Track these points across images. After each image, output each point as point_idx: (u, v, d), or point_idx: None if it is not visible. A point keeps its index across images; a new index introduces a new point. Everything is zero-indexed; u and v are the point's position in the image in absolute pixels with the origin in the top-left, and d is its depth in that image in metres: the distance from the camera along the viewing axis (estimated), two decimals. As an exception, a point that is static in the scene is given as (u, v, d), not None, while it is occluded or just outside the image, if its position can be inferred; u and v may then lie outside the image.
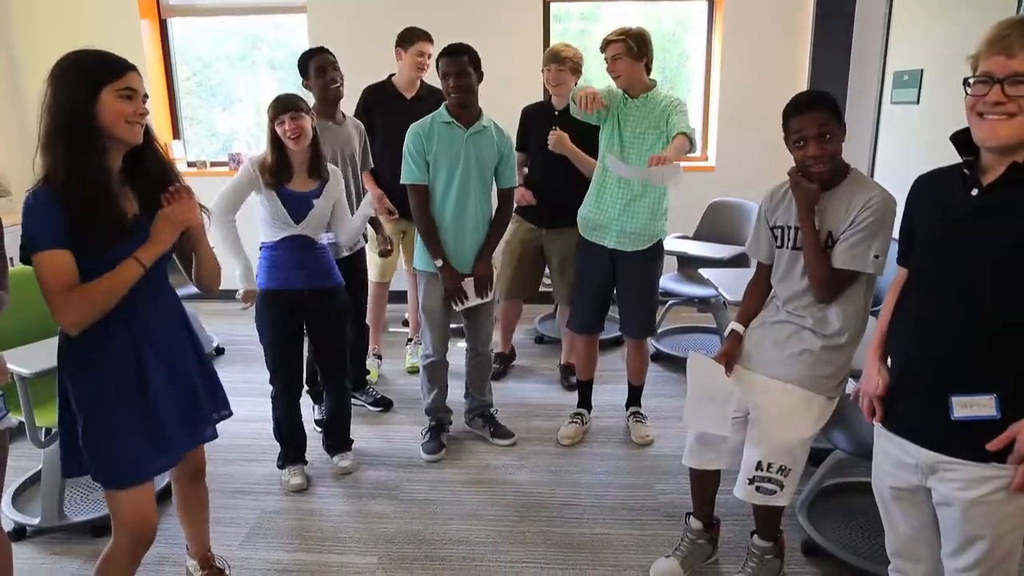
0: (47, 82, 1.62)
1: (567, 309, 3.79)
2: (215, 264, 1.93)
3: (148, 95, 1.71)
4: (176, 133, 5.48)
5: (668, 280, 4.07)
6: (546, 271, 3.76)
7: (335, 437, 3.07)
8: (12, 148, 5.05)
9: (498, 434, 3.25)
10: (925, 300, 1.56)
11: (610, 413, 3.47)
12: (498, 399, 3.43)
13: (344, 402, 3.05)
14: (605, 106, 2.87)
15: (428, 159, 2.90)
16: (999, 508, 1.46)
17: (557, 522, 2.67)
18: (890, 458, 1.64)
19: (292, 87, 2.79)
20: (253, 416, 3.43)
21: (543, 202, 3.47)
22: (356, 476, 3.01)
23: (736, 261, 3.81)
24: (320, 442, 3.12)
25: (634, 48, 2.86)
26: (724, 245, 4.05)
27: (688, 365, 2.19)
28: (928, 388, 1.53)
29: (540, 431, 3.36)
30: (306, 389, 3.28)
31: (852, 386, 1.85)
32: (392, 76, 3.73)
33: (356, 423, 3.17)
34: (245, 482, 2.96)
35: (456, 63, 2.82)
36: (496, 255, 3.13)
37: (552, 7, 4.99)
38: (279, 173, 2.65)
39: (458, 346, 3.23)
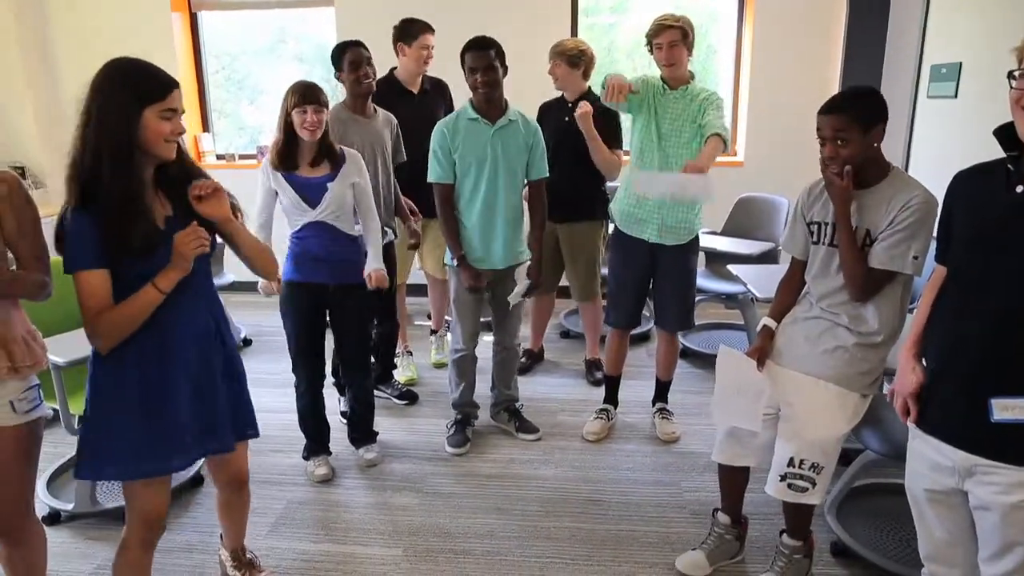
0: (91, 88, 1.62)
1: (584, 304, 3.79)
2: (260, 250, 1.93)
3: (184, 111, 1.71)
4: (205, 126, 5.54)
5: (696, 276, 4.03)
6: None
7: (359, 430, 3.08)
8: (48, 141, 5.13)
9: (523, 429, 3.24)
10: (963, 299, 1.53)
11: (636, 409, 3.44)
12: (524, 393, 3.42)
13: (366, 396, 3.05)
14: (635, 92, 2.84)
15: (454, 157, 2.89)
16: None
17: (582, 518, 2.66)
18: (925, 460, 1.61)
19: (319, 80, 2.77)
20: (279, 407, 3.46)
21: (557, 197, 3.45)
22: (381, 468, 3.02)
23: (765, 257, 3.76)
24: (346, 434, 3.13)
25: (689, 35, 2.85)
26: (753, 241, 4.00)
27: (718, 360, 2.17)
28: (966, 389, 1.49)
29: (565, 426, 3.35)
30: (332, 381, 3.31)
31: (887, 386, 1.81)
32: (394, 70, 3.63)
33: (381, 415, 3.18)
34: (271, 472, 2.99)
35: (483, 58, 2.78)
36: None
37: (580, 0, 4.95)
38: (287, 159, 2.63)
39: (485, 340, 3.23)
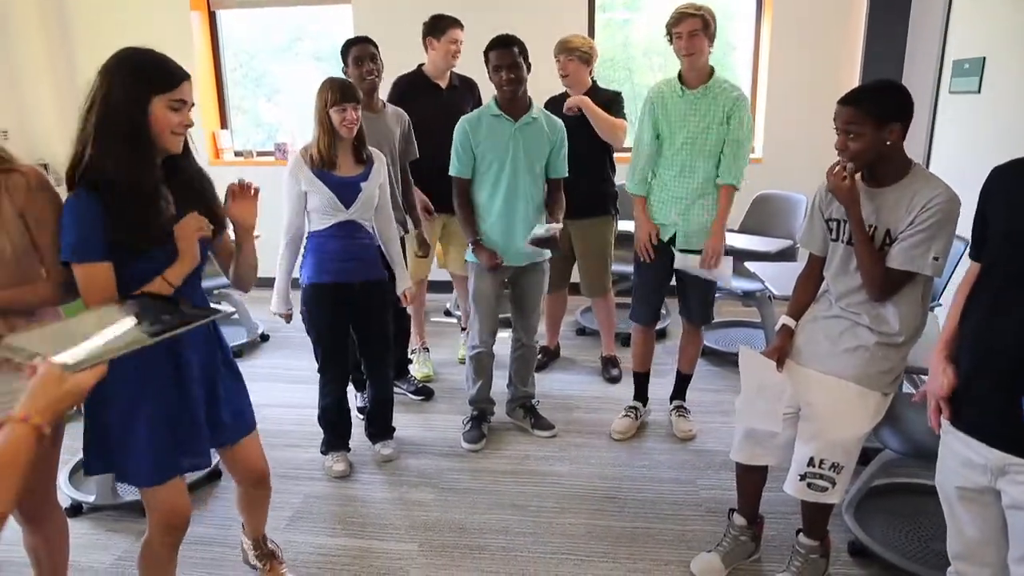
0: (100, 75, 1.60)
1: (596, 300, 3.78)
2: (254, 263, 1.91)
3: (194, 104, 1.69)
4: (224, 123, 5.59)
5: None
6: None
7: (377, 425, 3.09)
8: (70, 135, 5.18)
9: (539, 425, 3.24)
10: (1001, 294, 1.50)
11: (652, 406, 3.43)
12: (539, 390, 3.42)
13: (387, 391, 3.07)
14: (658, 239, 2.97)
15: (475, 152, 2.89)
16: None
17: (598, 515, 2.66)
18: (957, 456, 1.59)
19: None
20: (296, 402, 3.49)
21: (565, 193, 3.44)
22: (397, 464, 3.04)
23: (783, 255, 3.73)
24: (362, 429, 3.15)
25: (711, 25, 2.77)
26: (770, 238, 3.97)
27: (740, 360, 2.15)
28: (1002, 386, 1.46)
29: (581, 423, 3.35)
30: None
31: (909, 387, 1.79)
32: (422, 66, 3.66)
33: (397, 411, 3.20)
34: (288, 467, 3.01)
35: (508, 55, 2.79)
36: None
37: (596, -3, 4.94)
38: (327, 157, 2.64)
39: (501, 336, 3.23)
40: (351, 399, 3.08)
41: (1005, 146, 1.54)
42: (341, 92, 2.58)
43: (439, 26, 3.53)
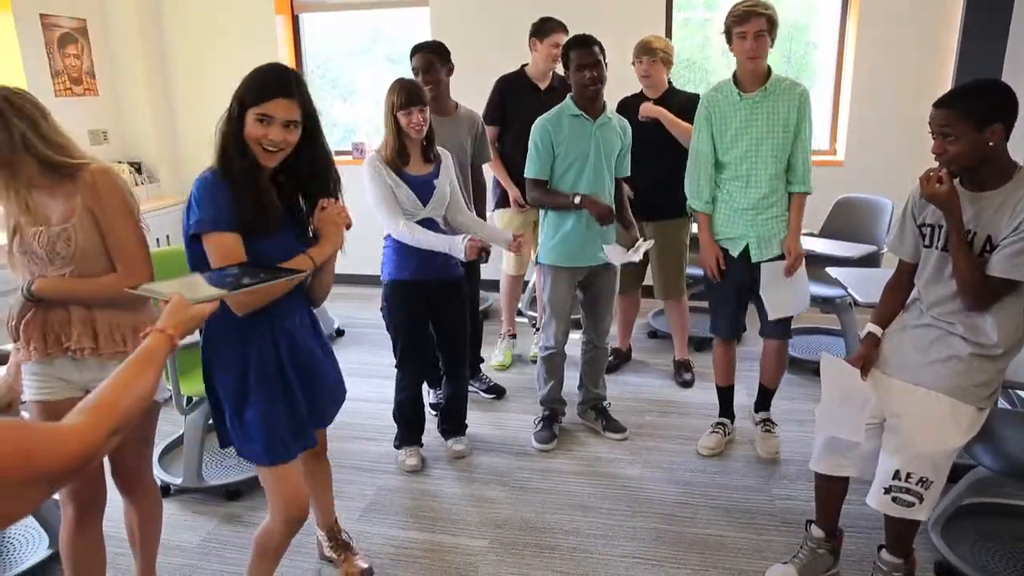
0: None
1: (669, 303, 3.74)
2: (328, 283, 1.97)
3: (298, 122, 1.71)
4: (304, 124, 5.75)
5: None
6: None
7: (451, 422, 3.14)
8: (161, 138, 5.46)
9: (610, 427, 3.23)
10: None
11: (725, 413, 3.37)
12: (611, 392, 3.40)
13: (463, 389, 3.11)
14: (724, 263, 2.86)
15: (556, 152, 2.90)
16: None
17: (669, 520, 2.63)
18: None
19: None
20: (370, 397, 3.58)
21: (643, 195, 3.42)
22: (469, 461, 3.07)
23: (866, 261, 3.60)
24: (435, 425, 3.20)
25: (777, 25, 2.60)
26: (853, 243, 3.84)
27: (822, 367, 2.09)
28: None
29: (653, 426, 3.32)
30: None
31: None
32: (525, 66, 3.74)
33: (469, 409, 3.23)
34: (362, 459, 3.08)
35: (591, 54, 2.79)
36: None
37: (674, -4, 4.87)
38: (400, 158, 2.68)
39: (573, 337, 3.23)
40: (425, 396, 3.13)
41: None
42: (407, 96, 2.61)
43: (544, 28, 3.61)
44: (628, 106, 3.50)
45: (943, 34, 4.42)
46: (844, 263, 3.53)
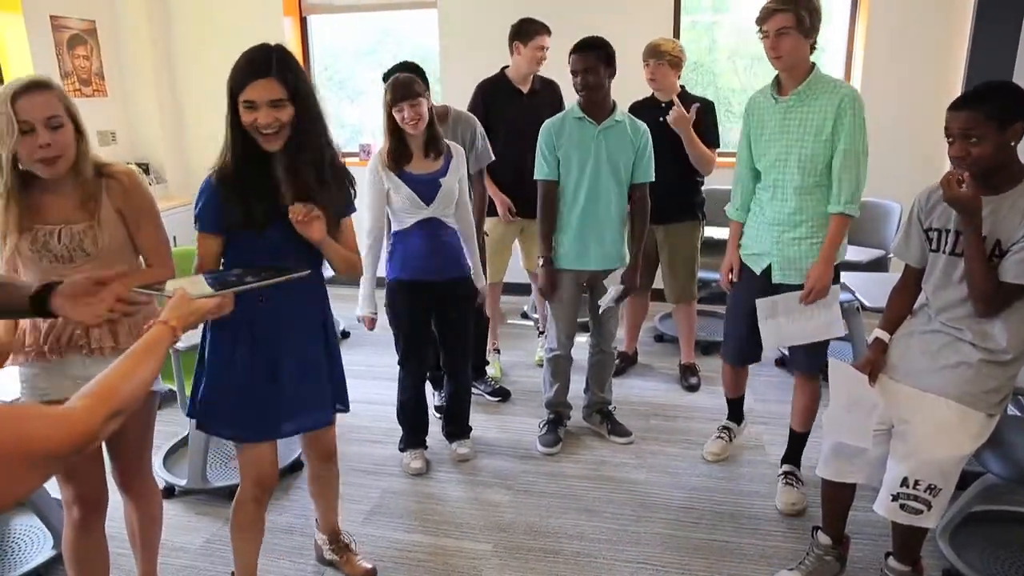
0: None
1: (680, 307, 3.72)
2: (342, 261, 1.96)
3: (283, 100, 1.69)
4: (312, 125, 5.76)
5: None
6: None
7: (455, 424, 3.12)
8: (169, 139, 5.48)
9: (616, 431, 3.21)
10: None
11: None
12: (616, 396, 3.39)
13: (466, 389, 3.10)
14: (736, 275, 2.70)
15: (559, 155, 2.89)
16: None
17: (675, 525, 2.61)
18: None
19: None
20: (377, 399, 3.57)
21: (655, 198, 3.40)
22: (473, 464, 3.06)
23: (874, 265, 3.59)
24: (439, 428, 3.19)
25: (806, 20, 2.33)
26: (860, 247, 3.82)
27: (830, 372, 2.08)
28: None
29: (658, 431, 3.30)
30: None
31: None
32: (505, 69, 3.63)
33: (474, 412, 3.22)
34: (367, 462, 3.07)
35: (583, 60, 2.76)
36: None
37: (682, -1, 4.86)
38: (399, 157, 2.67)
39: (579, 340, 3.22)
40: (429, 398, 3.12)
41: None
42: (396, 91, 2.58)
43: (527, 31, 3.47)
44: (640, 109, 3.49)
45: (953, 39, 4.39)
46: (852, 267, 3.50)
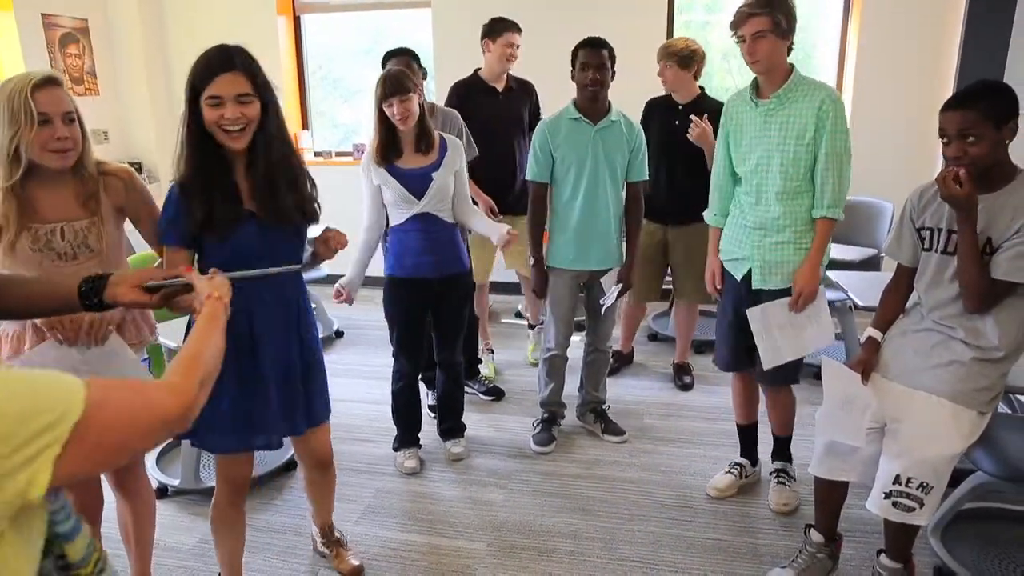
0: None
1: (686, 306, 3.72)
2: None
3: (250, 95, 1.68)
4: (305, 124, 5.76)
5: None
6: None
7: (449, 422, 3.12)
8: (162, 138, 5.45)
9: (609, 430, 3.22)
10: None
11: (727, 416, 3.34)
12: (611, 395, 3.39)
13: (459, 386, 3.10)
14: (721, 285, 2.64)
15: (554, 156, 2.89)
16: None
17: (668, 523, 2.62)
18: None
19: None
20: (370, 398, 3.56)
21: (669, 199, 3.40)
22: (467, 463, 3.06)
23: (866, 264, 3.60)
24: (434, 427, 3.18)
25: (782, 22, 2.27)
26: (852, 246, 3.84)
27: (823, 371, 2.09)
28: None
29: (652, 430, 3.30)
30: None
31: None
32: (478, 70, 3.64)
33: (468, 411, 3.22)
34: (361, 461, 3.07)
35: (598, 56, 2.78)
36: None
37: (676, -2, 4.86)
38: (389, 152, 2.65)
39: (574, 340, 3.22)
40: (423, 397, 3.12)
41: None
42: (384, 88, 2.57)
43: (496, 29, 3.50)
44: (655, 108, 3.49)
45: (944, 38, 4.41)
46: (844, 266, 3.52)
